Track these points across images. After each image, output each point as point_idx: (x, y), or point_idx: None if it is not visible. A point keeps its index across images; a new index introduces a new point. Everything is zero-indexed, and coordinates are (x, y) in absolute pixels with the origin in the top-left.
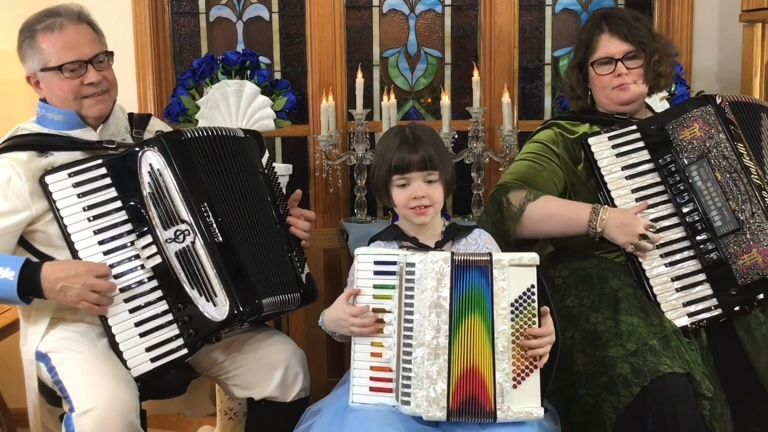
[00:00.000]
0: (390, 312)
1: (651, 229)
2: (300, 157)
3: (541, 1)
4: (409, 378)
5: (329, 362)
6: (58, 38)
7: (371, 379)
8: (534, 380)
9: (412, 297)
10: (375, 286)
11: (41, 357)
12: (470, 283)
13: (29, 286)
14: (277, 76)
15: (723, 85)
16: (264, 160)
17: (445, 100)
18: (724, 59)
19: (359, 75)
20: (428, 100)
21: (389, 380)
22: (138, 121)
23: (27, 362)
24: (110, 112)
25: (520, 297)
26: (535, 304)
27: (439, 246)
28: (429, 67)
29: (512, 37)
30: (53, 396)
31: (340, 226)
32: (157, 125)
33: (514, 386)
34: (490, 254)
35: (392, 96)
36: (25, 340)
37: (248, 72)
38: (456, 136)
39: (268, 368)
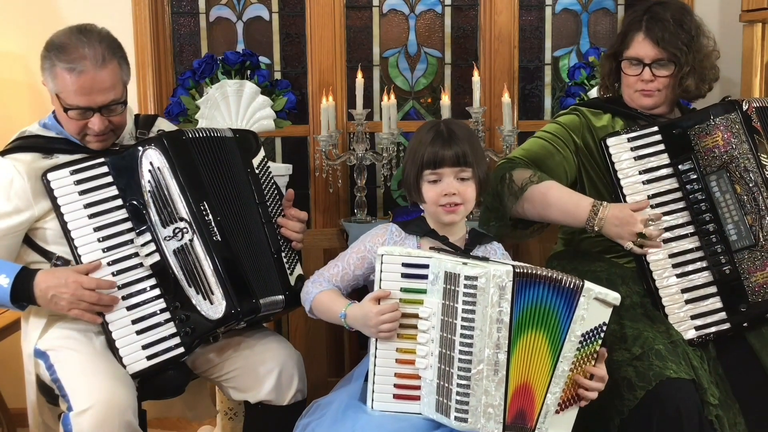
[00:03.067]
0: (426, 319)
1: (651, 224)
2: (300, 157)
3: (541, 1)
4: (466, 395)
5: (329, 362)
6: (74, 82)
7: (396, 386)
8: (573, 412)
9: (472, 312)
10: (403, 290)
11: (40, 354)
12: (534, 298)
13: (22, 294)
14: (277, 76)
15: (723, 85)
16: (257, 160)
17: (445, 100)
18: (724, 59)
19: (359, 75)
20: (428, 100)
21: (416, 387)
22: (143, 122)
23: (26, 357)
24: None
25: (591, 331)
26: (600, 342)
27: (469, 249)
28: (429, 67)
29: (512, 37)
30: (51, 394)
31: (340, 226)
32: (162, 125)
33: (557, 411)
34: (583, 281)
35: (392, 96)
36: (25, 336)
37: (248, 72)
38: None
39: (262, 371)
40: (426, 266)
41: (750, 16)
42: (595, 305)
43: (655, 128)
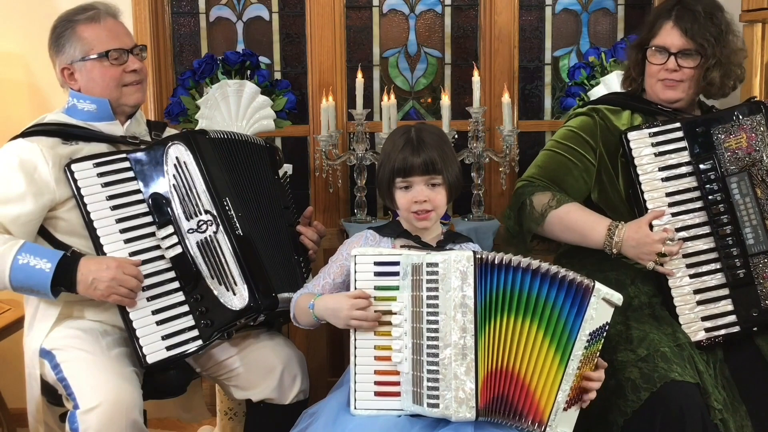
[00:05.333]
0: (398, 314)
1: (669, 242)
2: (300, 157)
3: (541, 1)
4: (436, 380)
5: (329, 362)
6: (101, 28)
7: (376, 383)
8: (576, 410)
9: (435, 297)
10: (376, 288)
11: (45, 354)
12: (504, 284)
13: (64, 279)
14: (277, 76)
15: None
16: (281, 172)
17: (445, 100)
18: None
19: (359, 75)
20: (428, 100)
21: (396, 383)
22: (155, 126)
23: (31, 355)
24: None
25: (597, 330)
26: (602, 341)
27: (441, 245)
28: (429, 67)
29: (512, 37)
30: (54, 395)
31: (340, 226)
32: (172, 132)
33: (565, 409)
34: (593, 281)
35: (392, 96)
36: (30, 334)
37: (248, 72)
38: (456, 136)
39: (266, 370)
40: (397, 263)
41: (750, 16)
42: (602, 305)
43: (677, 124)
